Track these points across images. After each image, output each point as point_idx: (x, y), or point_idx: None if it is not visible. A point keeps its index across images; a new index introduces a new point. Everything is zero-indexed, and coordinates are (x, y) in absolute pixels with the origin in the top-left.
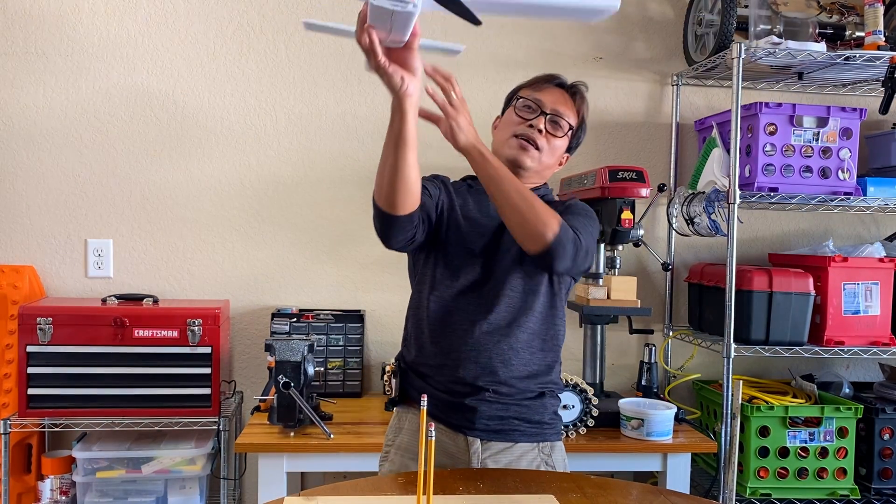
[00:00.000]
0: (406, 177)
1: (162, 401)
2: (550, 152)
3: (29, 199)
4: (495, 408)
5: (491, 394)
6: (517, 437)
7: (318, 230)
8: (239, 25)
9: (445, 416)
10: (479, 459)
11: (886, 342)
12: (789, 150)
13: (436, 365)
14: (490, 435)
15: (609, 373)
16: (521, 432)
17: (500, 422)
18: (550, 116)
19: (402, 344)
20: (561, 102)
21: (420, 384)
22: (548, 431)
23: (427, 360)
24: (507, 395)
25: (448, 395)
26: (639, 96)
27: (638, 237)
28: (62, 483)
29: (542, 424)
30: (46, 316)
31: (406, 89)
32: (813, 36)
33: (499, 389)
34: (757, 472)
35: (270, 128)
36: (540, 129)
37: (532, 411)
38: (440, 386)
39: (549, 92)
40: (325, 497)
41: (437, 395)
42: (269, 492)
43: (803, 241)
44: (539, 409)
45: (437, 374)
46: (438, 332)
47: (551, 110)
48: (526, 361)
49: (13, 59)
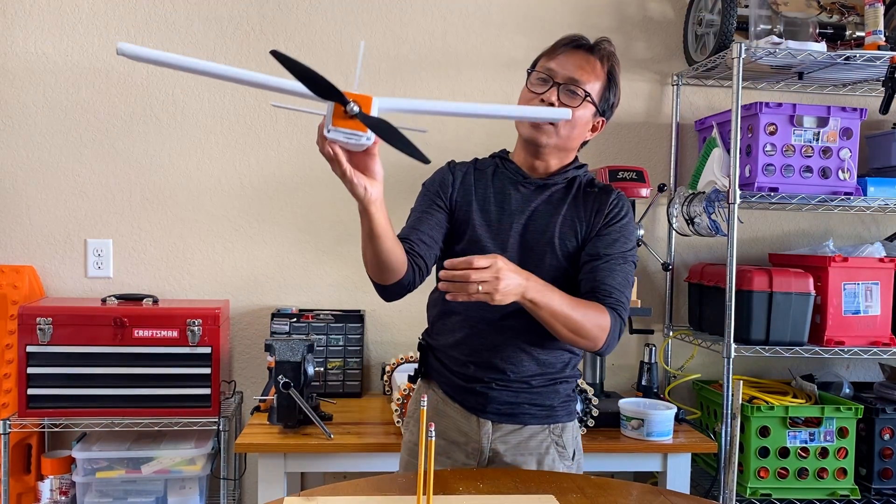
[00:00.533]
0: (386, 260)
1: (162, 401)
2: (569, 124)
3: (29, 199)
4: (506, 395)
5: (501, 384)
6: (527, 419)
7: (318, 230)
8: (239, 25)
9: (460, 398)
10: (490, 440)
11: (886, 342)
12: (789, 150)
13: (450, 353)
14: (501, 418)
15: (609, 373)
16: (532, 415)
17: (510, 406)
18: (563, 86)
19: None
20: (578, 67)
21: (437, 365)
22: (559, 413)
23: (443, 346)
24: (517, 384)
25: (462, 380)
26: (639, 96)
27: (638, 237)
28: (62, 483)
29: (553, 408)
30: (46, 316)
31: (369, 197)
32: (813, 36)
33: (509, 384)
34: (757, 473)
35: (270, 128)
36: (552, 102)
37: (543, 397)
38: (455, 370)
39: (566, 57)
40: (325, 497)
41: (452, 379)
42: (269, 492)
43: (803, 241)
44: (550, 395)
45: (452, 362)
46: (455, 324)
47: (564, 79)
48: (537, 359)
49: (13, 58)
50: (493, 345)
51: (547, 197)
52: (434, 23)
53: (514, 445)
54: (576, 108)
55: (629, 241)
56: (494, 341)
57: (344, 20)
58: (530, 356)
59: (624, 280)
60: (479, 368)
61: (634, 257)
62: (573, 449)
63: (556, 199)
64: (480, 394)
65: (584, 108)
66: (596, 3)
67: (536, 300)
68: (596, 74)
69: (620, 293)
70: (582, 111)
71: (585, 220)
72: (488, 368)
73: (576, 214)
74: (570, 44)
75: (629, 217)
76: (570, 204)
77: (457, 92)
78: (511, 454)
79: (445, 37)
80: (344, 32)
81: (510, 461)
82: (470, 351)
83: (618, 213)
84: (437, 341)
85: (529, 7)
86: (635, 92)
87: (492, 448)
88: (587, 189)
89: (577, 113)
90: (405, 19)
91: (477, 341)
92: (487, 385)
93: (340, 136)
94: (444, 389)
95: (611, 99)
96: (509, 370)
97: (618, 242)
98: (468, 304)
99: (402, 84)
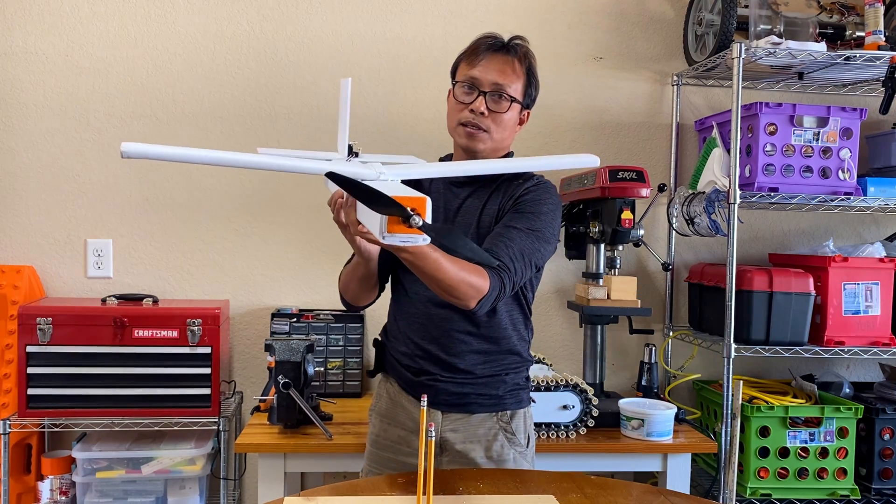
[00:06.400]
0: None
1: (162, 401)
2: (500, 128)
3: (29, 199)
4: (451, 386)
5: (447, 376)
6: (475, 408)
7: (318, 230)
8: (239, 25)
9: (412, 389)
10: (439, 429)
11: (886, 342)
12: (789, 150)
13: (400, 348)
14: (449, 408)
15: (609, 373)
16: (479, 404)
17: (457, 397)
18: (489, 94)
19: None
20: (500, 72)
21: (392, 360)
22: (508, 401)
23: (394, 338)
24: (461, 375)
25: (411, 373)
26: (639, 96)
27: (638, 237)
28: (62, 483)
29: (500, 397)
30: (46, 316)
31: (369, 253)
32: (813, 36)
33: (454, 375)
34: (757, 473)
35: (270, 128)
36: (482, 111)
37: (488, 388)
38: (405, 364)
39: (486, 63)
40: (325, 497)
41: (403, 373)
42: (268, 492)
43: (803, 241)
44: (496, 385)
45: (402, 357)
46: (400, 315)
47: (489, 86)
48: (479, 350)
49: (13, 58)
50: (433, 338)
51: (473, 191)
52: (434, 23)
53: (462, 433)
54: (503, 113)
55: (538, 218)
56: (435, 334)
57: (344, 20)
58: (471, 348)
59: (520, 249)
60: (425, 362)
61: (545, 236)
62: (526, 434)
63: (482, 193)
64: (428, 386)
65: (511, 110)
66: (596, 3)
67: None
68: (517, 75)
69: (511, 260)
70: (510, 113)
71: (501, 204)
72: (433, 362)
73: (497, 202)
74: (488, 49)
75: (543, 198)
76: (493, 193)
77: None
78: (460, 442)
79: (445, 37)
80: (343, 32)
81: (460, 449)
82: (415, 346)
83: (529, 190)
84: (390, 338)
85: (529, 7)
86: (635, 92)
87: (443, 436)
88: (513, 179)
89: (504, 116)
90: (405, 19)
91: (421, 335)
92: (433, 377)
93: (397, 241)
94: (398, 383)
95: (532, 93)
96: (452, 362)
97: (524, 217)
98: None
99: (403, 84)
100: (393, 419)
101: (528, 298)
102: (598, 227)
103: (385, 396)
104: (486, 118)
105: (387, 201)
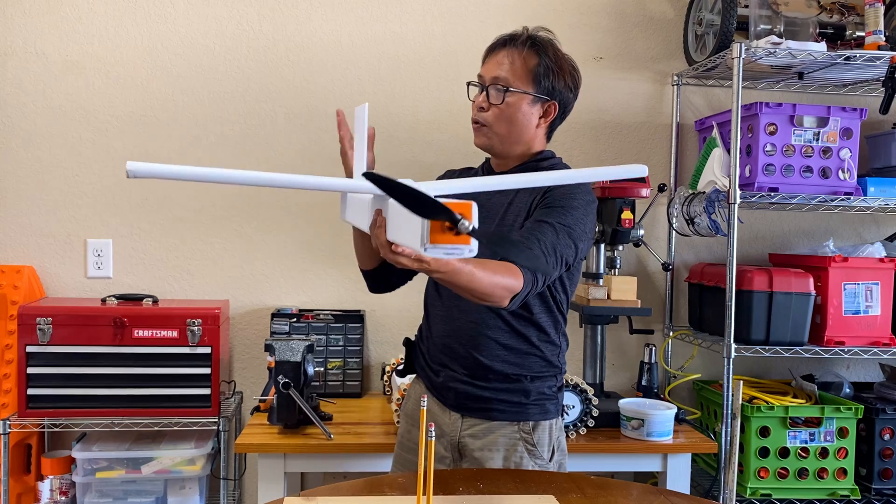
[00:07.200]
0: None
1: (161, 401)
2: (503, 121)
3: (28, 199)
4: (471, 389)
5: (468, 379)
6: (495, 415)
7: (318, 230)
8: (238, 25)
9: (437, 392)
10: (460, 434)
11: (887, 342)
12: (790, 149)
13: (427, 344)
14: (469, 412)
15: (609, 373)
16: (500, 411)
17: (476, 401)
18: (490, 87)
19: None
20: (497, 65)
21: (421, 361)
22: (532, 410)
23: (425, 337)
24: (483, 379)
25: (435, 374)
26: (639, 96)
27: (638, 237)
28: (62, 483)
29: (524, 405)
30: (46, 316)
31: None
32: (813, 36)
33: (475, 379)
34: (757, 473)
35: (269, 127)
36: (481, 106)
37: (510, 394)
38: (432, 366)
39: (489, 59)
40: (325, 497)
41: (429, 375)
42: (268, 492)
43: (803, 241)
44: (518, 392)
45: (430, 358)
46: (430, 315)
47: (489, 81)
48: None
49: (13, 58)
50: (457, 328)
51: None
52: (434, 22)
53: (481, 440)
54: (501, 105)
55: (567, 213)
56: (460, 324)
57: (344, 20)
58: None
59: (551, 244)
60: (450, 362)
61: (575, 233)
62: (550, 448)
63: (509, 190)
64: (449, 388)
65: (513, 97)
66: (596, 3)
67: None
68: (514, 65)
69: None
70: (515, 97)
71: (529, 202)
72: (457, 363)
73: (525, 199)
74: (493, 47)
75: (573, 193)
76: (521, 190)
77: (456, 93)
78: (479, 449)
79: (445, 36)
80: (343, 32)
81: (478, 456)
82: (442, 346)
83: (559, 189)
84: (423, 337)
85: (529, 7)
86: (635, 92)
87: (461, 442)
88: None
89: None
90: (405, 19)
91: (445, 329)
92: (455, 379)
93: (440, 253)
94: (425, 384)
95: (550, 82)
96: (474, 356)
97: (553, 211)
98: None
99: (403, 84)
100: (417, 421)
101: (558, 300)
102: (599, 227)
103: (412, 397)
104: (487, 112)
105: (433, 204)
